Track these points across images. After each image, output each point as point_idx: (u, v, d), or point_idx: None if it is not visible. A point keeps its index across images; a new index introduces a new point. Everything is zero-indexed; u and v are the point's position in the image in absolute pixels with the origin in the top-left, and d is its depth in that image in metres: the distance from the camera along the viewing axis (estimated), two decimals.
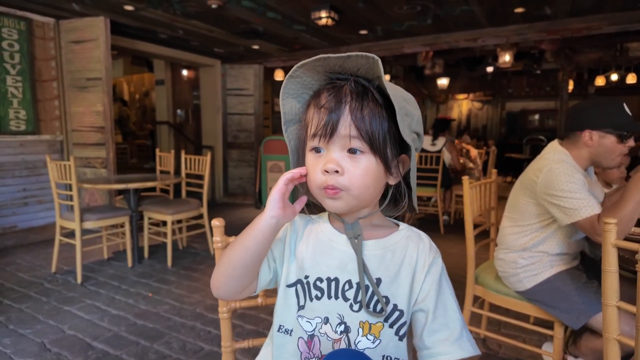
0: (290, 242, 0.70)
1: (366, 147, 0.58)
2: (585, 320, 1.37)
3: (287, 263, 0.68)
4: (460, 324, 0.61)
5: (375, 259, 0.64)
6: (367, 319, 0.62)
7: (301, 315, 0.65)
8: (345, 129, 0.58)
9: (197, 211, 3.33)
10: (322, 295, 0.64)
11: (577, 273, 1.51)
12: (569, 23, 3.90)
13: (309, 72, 0.61)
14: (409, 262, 0.64)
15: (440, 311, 0.61)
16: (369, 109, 0.58)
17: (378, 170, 0.60)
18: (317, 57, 0.57)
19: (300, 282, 0.66)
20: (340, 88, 0.59)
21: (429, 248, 0.65)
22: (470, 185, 1.71)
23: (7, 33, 3.55)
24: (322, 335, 0.63)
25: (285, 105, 0.65)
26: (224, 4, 3.48)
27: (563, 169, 1.37)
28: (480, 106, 11.04)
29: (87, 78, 3.88)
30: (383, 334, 0.62)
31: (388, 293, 0.63)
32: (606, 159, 1.42)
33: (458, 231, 4.21)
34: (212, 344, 2.01)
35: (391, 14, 3.77)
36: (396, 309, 0.62)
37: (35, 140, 3.83)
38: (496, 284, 1.68)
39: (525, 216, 1.54)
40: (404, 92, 0.64)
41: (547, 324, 1.58)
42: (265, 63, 5.81)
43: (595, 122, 1.39)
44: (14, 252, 3.50)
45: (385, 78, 0.57)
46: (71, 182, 2.73)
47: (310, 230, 0.70)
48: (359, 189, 0.59)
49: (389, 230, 0.68)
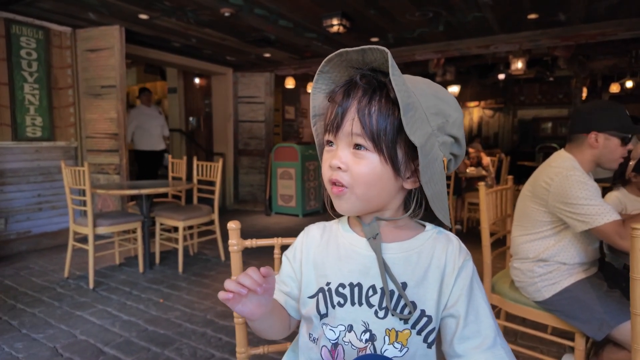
0: (305, 254, 0.68)
1: (370, 145, 0.56)
2: (608, 331, 1.32)
3: (304, 277, 0.67)
4: (494, 330, 0.58)
5: (400, 262, 0.61)
6: (394, 326, 0.59)
7: (325, 323, 0.62)
8: (349, 125, 0.56)
9: (208, 217, 3.34)
10: (345, 302, 0.61)
11: (597, 281, 1.46)
12: (583, 29, 3.86)
13: (337, 68, 0.60)
14: (437, 264, 0.60)
15: (472, 317, 0.58)
16: (379, 105, 0.55)
17: (383, 170, 0.57)
18: (338, 52, 0.56)
19: (322, 290, 0.64)
20: (352, 82, 0.57)
21: (458, 250, 0.62)
22: (486, 192, 1.68)
23: (26, 42, 3.63)
24: (347, 343, 0.60)
25: (315, 100, 0.63)
26: (237, 12, 3.52)
27: (576, 177, 1.37)
28: (491, 114, 10.96)
29: (101, 86, 3.94)
30: (411, 342, 0.58)
31: (415, 298, 0.59)
32: (609, 161, 1.44)
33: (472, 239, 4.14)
34: (223, 351, 2.00)
35: (402, 21, 3.77)
36: (424, 314, 0.59)
37: (50, 147, 3.90)
38: (513, 293, 1.64)
39: (537, 224, 1.51)
40: (440, 90, 0.61)
41: (567, 334, 1.54)
42: (276, 71, 5.85)
43: (602, 124, 1.40)
44: (27, 257, 3.53)
45: (399, 73, 0.52)
46: (85, 187, 2.75)
47: (329, 236, 0.68)
48: (362, 188, 0.57)
49: (414, 232, 0.64)
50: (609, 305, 1.35)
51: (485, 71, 7.56)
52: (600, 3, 3.26)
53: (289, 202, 5.51)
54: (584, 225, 1.32)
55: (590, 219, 1.31)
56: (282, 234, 3.82)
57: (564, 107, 9.59)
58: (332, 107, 0.60)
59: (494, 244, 1.71)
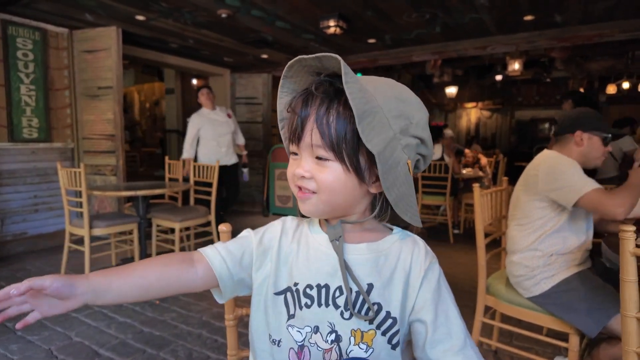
0: (277, 245, 0.66)
1: (331, 155, 0.56)
2: (605, 322, 1.35)
3: (274, 270, 0.65)
4: (464, 332, 0.58)
5: (368, 264, 0.61)
6: (359, 326, 0.59)
7: (291, 324, 0.61)
8: (309, 137, 0.56)
9: (205, 219, 3.33)
10: (312, 303, 0.61)
11: (591, 275, 1.52)
12: (580, 30, 3.87)
13: (299, 73, 0.60)
14: (402, 266, 0.61)
15: (442, 320, 0.58)
16: (337, 114, 0.54)
17: (347, 178, 0.57)
18: (297, 58, 0.56)
19: (290, 289, 0.63)
20: (309, 92, 0.57)
21: (424, 253, 0.62)
22: (481, 193, 1.68)
23: (22, 43, 3.62)
24: (312, 345, 0.60)
25: (282, 105, 0.63)
26: (234, 14, 3.52)
27: (561, 159, 1.55)
28: (489, 115, 10.97)
29: (98, 87, 3.93)
30: (376, 342, 0.59)
31: (380, 299, 0.59)
32: (593, 158, 1.60)
33: (468, 240, 4.15)
34: (218, 353, 1.99)
35: (400, 23, 3.78)
36: (389, 316, 0.59)
37: (46, 148, 3.89)
38: (508, 294, 1.64)
39: (527, 213, 1.59)
40: (404, 91, 0.60)
41: (561, 335, 1.54)
42: (274, 72, 5.85)
43: (586, 125, 1.58)
44: (24, 259, 3.52)
45: (354, 80, 0.51)
46: (81, 189, 2.75)
47: (300, 235, 0.67)
48: (327, 195, 0.58)
49: (382, 234, 0.64)
50: (606, 295, 1.40)
51: (483, 72, 7.58)
52: (596, 5, 3.27)
53: (286, 203, 5.51)
54: (574, 194, 1.43)
55: (578, 189, 1.43)
56: None
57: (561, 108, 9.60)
58: (292, 117, 0.59)
59: (489, 245, 1.72)
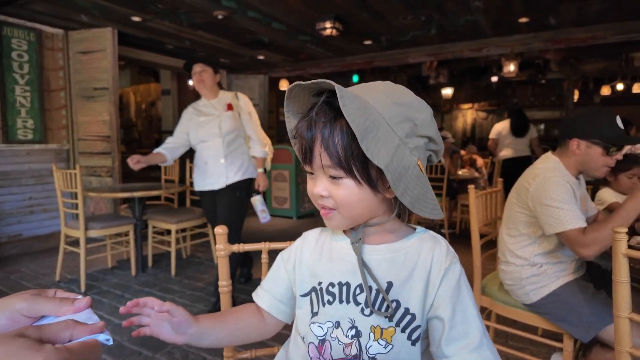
0: (299, 257, 0.72)
1: (342, 173, 0.58)
2: (595, 332, 1.34)
3: (297, 276, 0.70)
4: (481, 331, 0.59)
5: (386, 263, 0.63)
6: (379, 323, 0.61)
7: (314, 321, 0.65)
8: (318, 159, 0.58)
9: (201, 220, 3.32)
10: (334, 300, 0.64)
11: (583, 283, 1.48)
12: (574, 32, 3.91)
13: (301, 94, 0.61)
14: (422, 264, 0.62)
15: (459, 318, 0.59)
16: (341, 133, 0.56)
17: (362, 191, 0.59)
18: (295, 84, 0.58)
19: (314, 289, 0.67)
20: (312, 115, 0.58)
21: (445, 252, 0.63)
22: (476, 195, 1.69)
23: (17, 44, 3.61)
24: (334, 339, 0.63)
25: (290, 123, 0.65)
26: (230, 15, 3.53)
27: (556, 179, 1.39)
28: (485, 116, 11.02)
29: (94, 88, 3.92)
30: (395, 339, 0.60)
31: (399, 297, 0.61)
32: (591, 169, 1.44)
33: (464, 241, 4.16)
34: (214, 355, 1.99)
35: (395, 24, 3.79)
36: (408, 312, 0.61)
37: (42, 149, 3.87)
38: (503, 295, 1.65)
39: (519, 226, 1.55)
40: (403, 94, 0.60)
41: (556, 336, 1.55)
42: (270, 73, 5.86)
43: (584, 131, 1.41)
44: (19, 261, 3.50)
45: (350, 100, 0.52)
46: (77, 190, 2.74)
47: (324, 240, 0.71)
48: (346, 210, 0.61)
49: (403, 234, 0.67)
50: (596, 307, 1.37)
51: (479, 74, 7.62)
52: (590, 7, 3.30)
53: (283, 204, 5.50)
54: (552, 228, 1.36)
55: (558, 223, 1.34)
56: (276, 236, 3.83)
57: (556, 110, 9.67)
58: (300, 141, 0.61)
59: (485, 246, 1.72)
